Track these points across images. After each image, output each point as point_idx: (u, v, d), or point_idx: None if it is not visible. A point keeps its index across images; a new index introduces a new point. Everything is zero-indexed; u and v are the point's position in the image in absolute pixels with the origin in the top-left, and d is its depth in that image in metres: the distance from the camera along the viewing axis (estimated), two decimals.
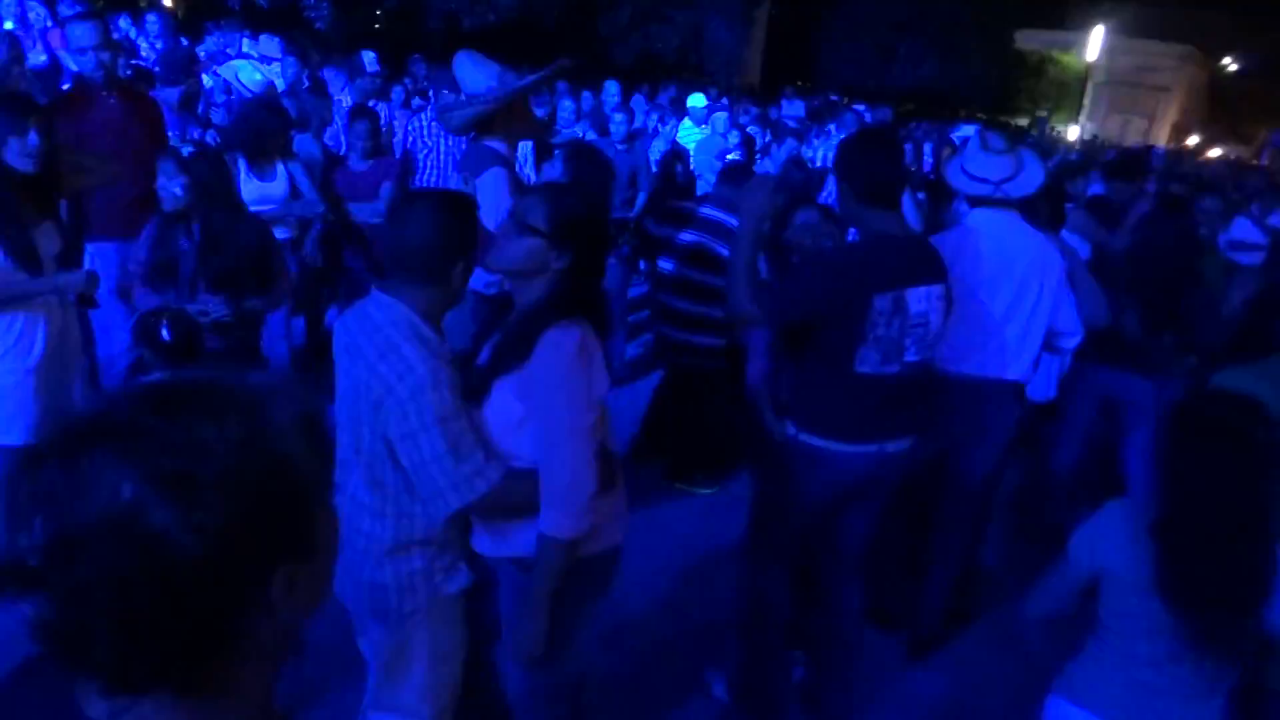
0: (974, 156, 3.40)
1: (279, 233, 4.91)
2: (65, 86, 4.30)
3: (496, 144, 3.46)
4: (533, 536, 2.09)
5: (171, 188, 3.44)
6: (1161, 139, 35.18)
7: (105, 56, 4.15)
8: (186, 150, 3.75)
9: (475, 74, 3.46)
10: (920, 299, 2.70)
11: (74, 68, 4.33)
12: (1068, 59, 33.65)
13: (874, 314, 2.63)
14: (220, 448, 0.75)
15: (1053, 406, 4.69)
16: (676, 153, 7.13)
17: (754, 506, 3.09)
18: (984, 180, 3.35)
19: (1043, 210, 3.69)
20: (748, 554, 3.11)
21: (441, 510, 2.04)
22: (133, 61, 7.04)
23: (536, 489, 2.04)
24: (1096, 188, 6.13)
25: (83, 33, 4.14)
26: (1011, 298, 3.29)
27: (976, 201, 3.41)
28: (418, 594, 2.16)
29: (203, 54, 8.57)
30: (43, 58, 6.91)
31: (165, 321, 3.07)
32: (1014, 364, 3.37)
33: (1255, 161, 21.86)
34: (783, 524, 2.99)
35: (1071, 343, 3.54)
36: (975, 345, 3.30)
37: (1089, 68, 33.21)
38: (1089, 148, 15.54)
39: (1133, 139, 32.58)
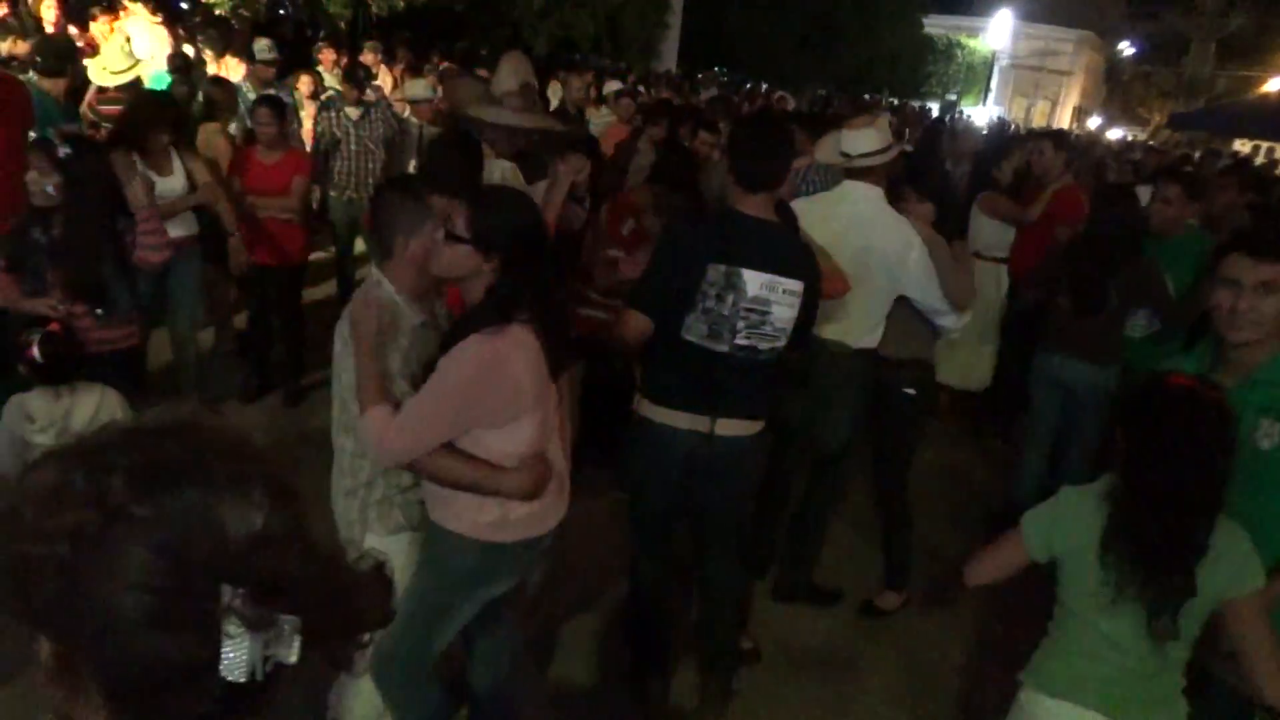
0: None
1: (178, 229, 4.65)
2: None
3: None
4: (446, 513, 2.36)
5: (44, 184, 3.28)
6: (1064, 121, 36.36)
7: None
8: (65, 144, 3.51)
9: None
10: (760, 285, 2.78)
11: None
12: (974, 43, 34.47)
13: (705, 283, 2.76)
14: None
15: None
16: None
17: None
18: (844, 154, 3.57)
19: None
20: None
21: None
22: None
23: (463, 469, 2.24)
24: None
25: None
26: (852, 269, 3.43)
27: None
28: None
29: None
30: None
31: (37, 342, 2.90)
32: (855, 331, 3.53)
33: (1150, 143, 22.70)
34: (635, 499, 3.17)
35: (947, 321, 3.63)
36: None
37: (994, 53, 34.08)
38: (997, 130, 15.91)
39: (1037, 122, 33.56)
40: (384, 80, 9.71)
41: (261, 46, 6.79)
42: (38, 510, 0.73)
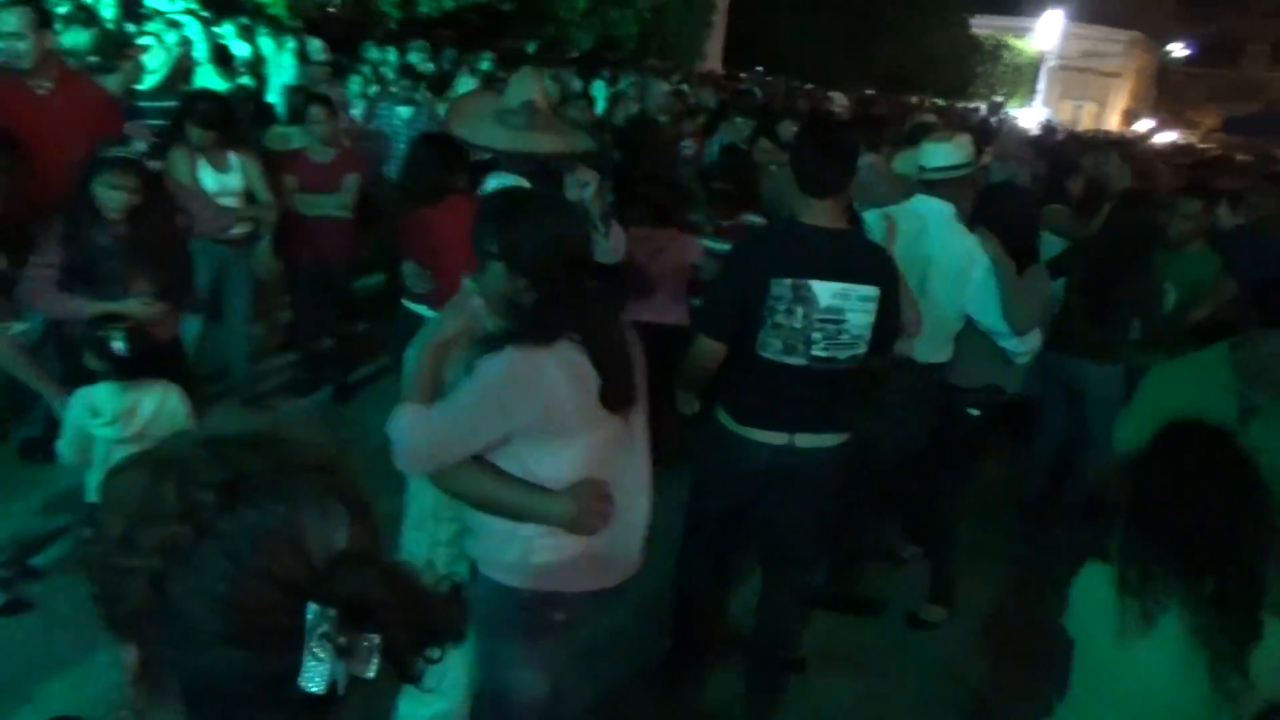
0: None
1: (239, 226, 4.74)
2: None
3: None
4: (487, 547, 2.17)
5: (119, 193, 3.28)
6: (1113, 124, 35.74)
7: (22, 47, 3.81)
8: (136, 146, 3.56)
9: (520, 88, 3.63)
10: (832, 294, 2.71)
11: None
12: (1021, 44, 34.01)
13: (770, 298, 2.70)
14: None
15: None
16: None
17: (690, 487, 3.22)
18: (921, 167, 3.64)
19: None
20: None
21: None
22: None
23: (498, 487, 2.06)
24: None
25: (2, 19, 3.81)
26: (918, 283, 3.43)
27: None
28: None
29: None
30: None
31: (121, 334, 2.92)
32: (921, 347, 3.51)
33: (1201, 147, 22.24)
34: (700, 505, 3.12)
35: (1009, 344, 3.61)
36: None
37: (1042, 53, 33.61)
38: (1047, 133, 15.70)
39: (1085, 124, 33.05)
40: (432, 79, 9.79)
41: (315, 48, 6.86)
42: (130, 522, 0.75)
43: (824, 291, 2.71)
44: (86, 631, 3.06)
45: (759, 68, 20.82)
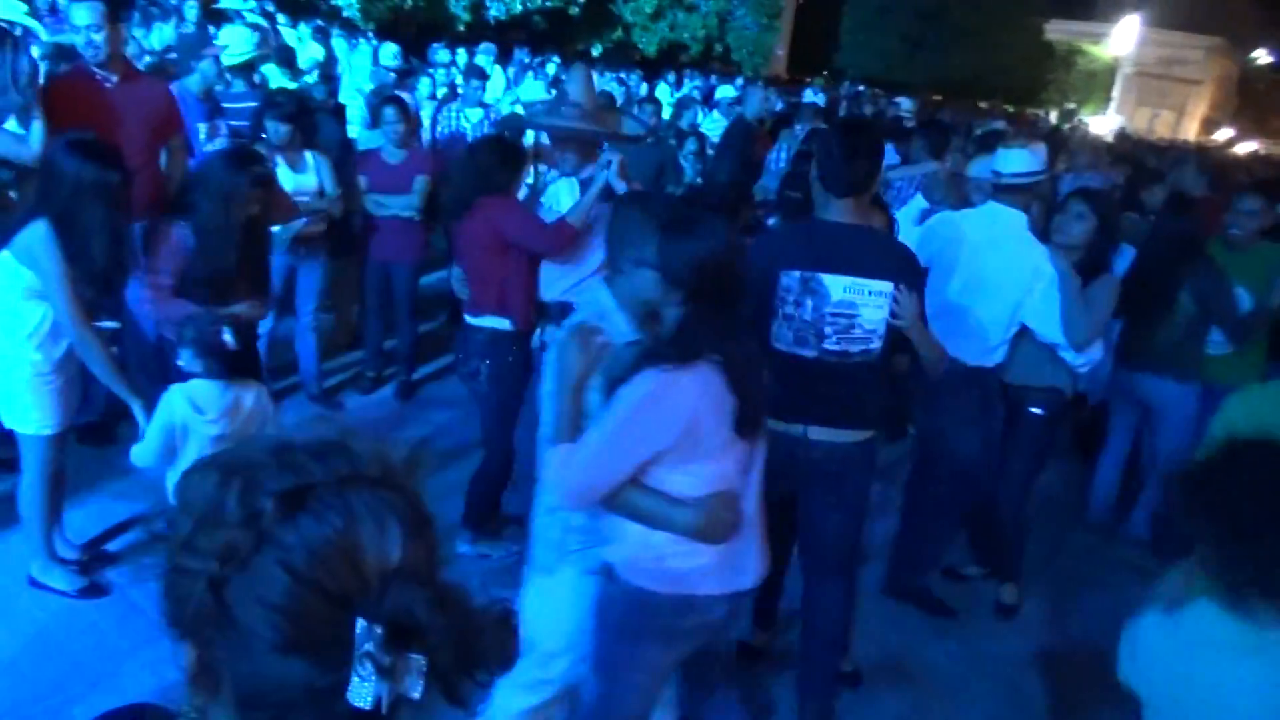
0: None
1: (312, 225, 4.86)
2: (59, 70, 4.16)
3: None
4: (622, 551, 2.22)
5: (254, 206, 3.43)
6: (1191, 133, 34.67)
7: (97, 38, 3.93)
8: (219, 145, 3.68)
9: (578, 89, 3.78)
10: (844, 288, 2.76)
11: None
12: (1097, 50, 33.19)
13: (781, 290, 2.79)
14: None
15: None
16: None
17: None
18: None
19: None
20: None
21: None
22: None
23: (636, 496, 2.12)
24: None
25: (79, 12, 3.94)
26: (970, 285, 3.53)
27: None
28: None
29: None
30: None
31: (231, 329, 2.98)
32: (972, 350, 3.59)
33: None
34: None
35: (1066, 356, 3.61)
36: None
37: (1118, 59, 32.76)
38: (1120, 141, 15.30)
39: (1160, 132, 32.12)
40: (498, 81, 9.92)
41: (388, 53, 6.99)
42: (195, 525, 0.77)
43: (835, 285, 2.78)
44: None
45: (825, 72, 20.65)
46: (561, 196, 3.78)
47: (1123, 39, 32.73)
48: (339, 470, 0.79)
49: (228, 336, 2.95)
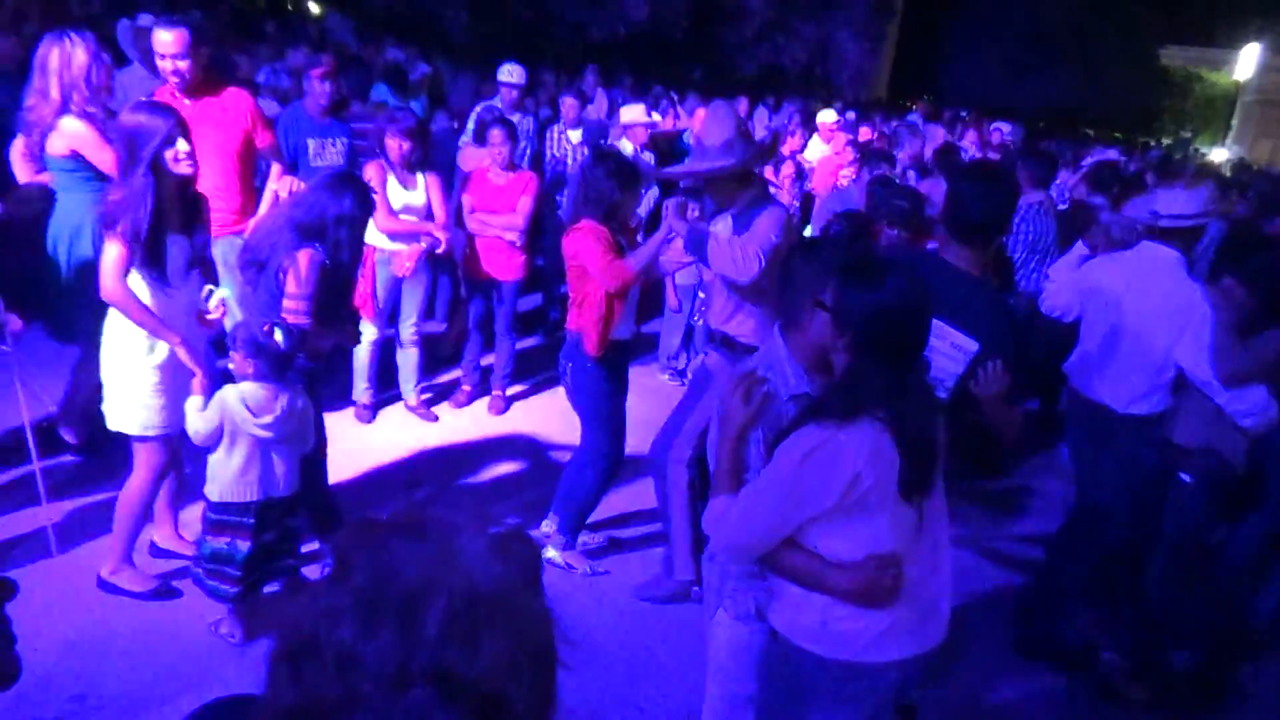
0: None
1: (408, 242, 5.01)
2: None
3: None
4: (785, 610, 2.18)
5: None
6: None
7: (183, 66, 4.15)
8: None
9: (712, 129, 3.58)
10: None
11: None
12: (1216, 77, 31.82)
13: None
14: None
15: None
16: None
17: None
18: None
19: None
20: None
21: None
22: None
23: (792, 555, 2.08)
24: None
25: (166, 39, 4.16)
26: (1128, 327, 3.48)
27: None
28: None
29: None
30: None
31: (281, 331, 3.09)
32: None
33: None
34: None
35: (1218, 399, 3.39)
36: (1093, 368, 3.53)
37: (1239, 87, 31.34)
38: (1238, 172, 14.63)
39: None
40: (600, 104, 10.06)
41: (506, 71, 7.14)
42: (316, 584, 0.81)
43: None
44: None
45: (926, 96, 20.33)
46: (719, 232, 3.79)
47: (1244, 65, 31.33)
48: (429, 571, 0.78)
49: (279, 337, 3.06)
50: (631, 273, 3.67)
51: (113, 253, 3.02)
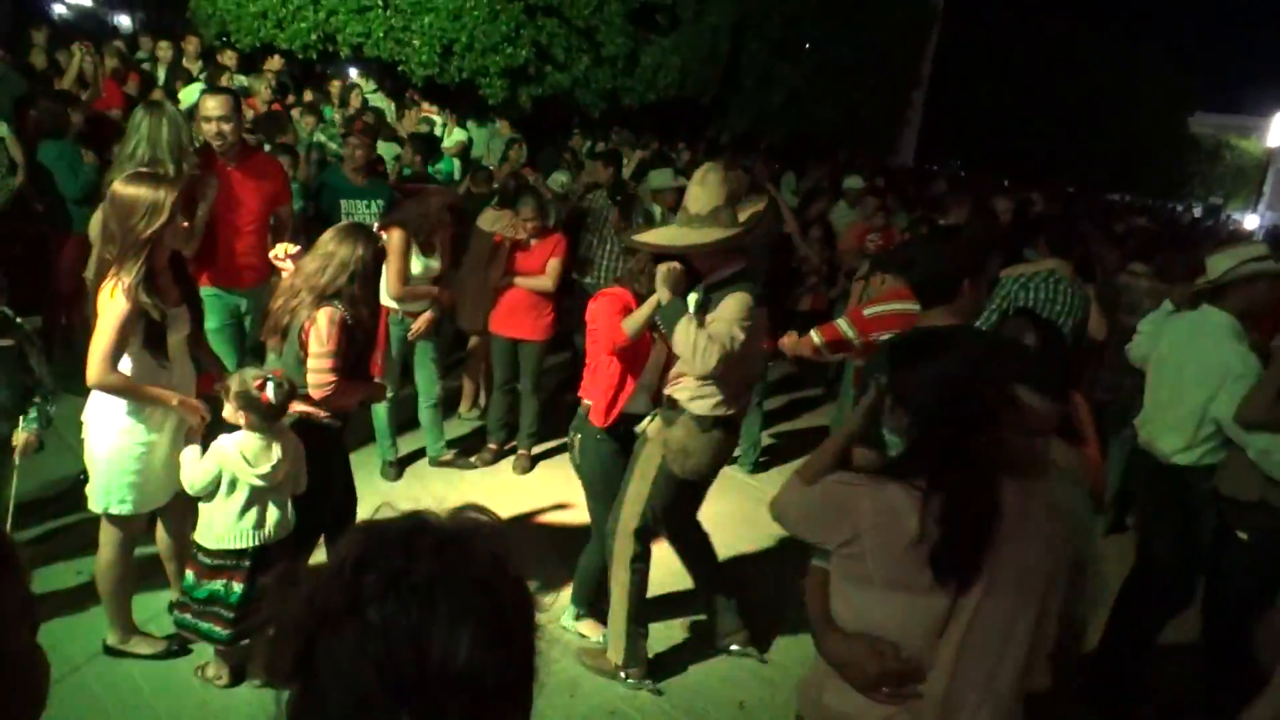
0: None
1: (421, 307, 5.10)
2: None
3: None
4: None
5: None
6: None
7: (226, 128, 4.32)
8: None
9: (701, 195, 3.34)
10: None
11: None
12: (1246, 144, 31.81)
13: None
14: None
15: None
16: None
17: None
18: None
19: None
20: None
21: None
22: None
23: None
24: None
25: (211, 103, 4.34)
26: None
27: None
28: None
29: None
30: None
31: (270, 385, 3.10)
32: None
33: None
34: None
35: (1246, 441, 3.41)
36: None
37: (1270, 153, 31.31)
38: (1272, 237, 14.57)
39: None
40: (628, 168, 10.23)
41: (557, 183, 7.38)
42: (316, 582, 0.87)
43: None
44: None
45: (956, 160, 20.45)
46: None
47: (1275, 133, 31.32)
48: (446, 565, 0.85)
49: (270, 391, 3.09)
50: (623, 336, 3.63)
51: (102, 342, 2.95)
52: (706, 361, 3.16)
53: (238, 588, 3.15)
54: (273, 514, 3.21)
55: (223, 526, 3.15)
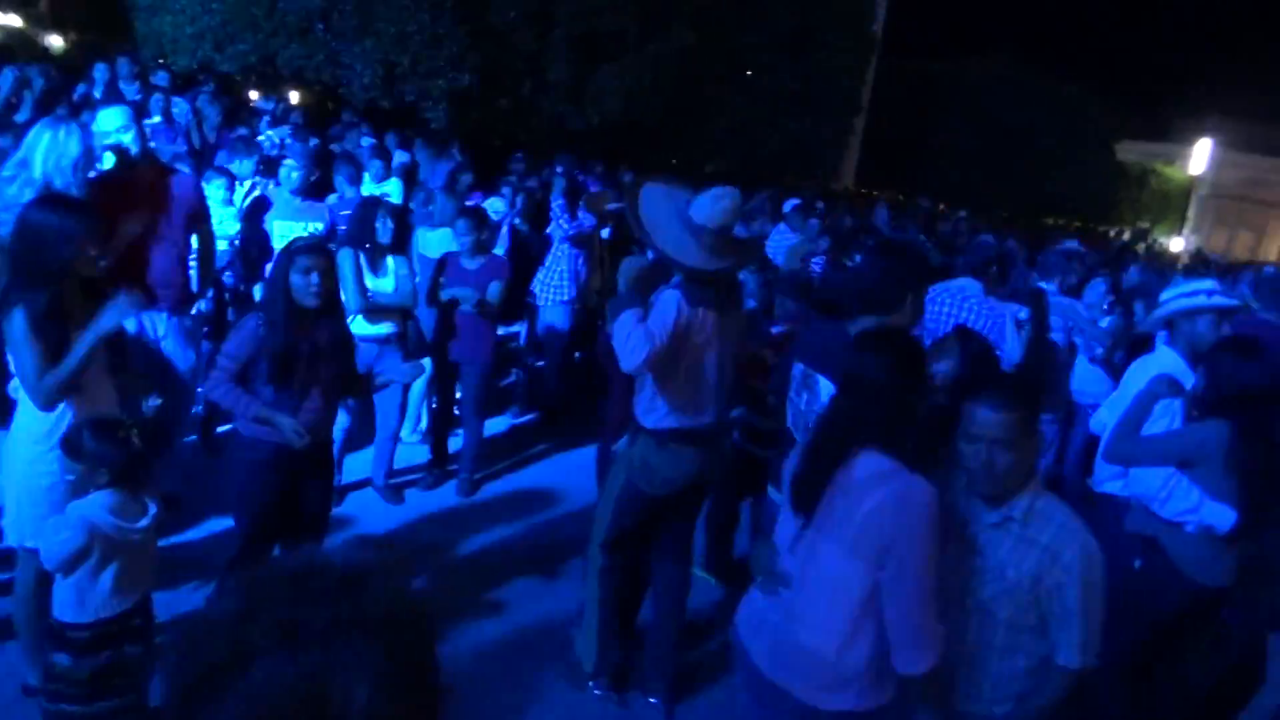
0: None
1: (385, 327, 5.05)
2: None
3: None
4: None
5: (314, 274, 3.35)
6: (1271, 254, 33.97)
7: (127, 138, 4.19)
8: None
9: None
10: (830, 393, 2.82)
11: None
12: (1171, 171, 33.00)
13: (792, 377, 3.20)
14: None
15: None
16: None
17: None
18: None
19: None
20: None
21: None
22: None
23: None
24: None
25: (106, 118, 4.24)
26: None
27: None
28: None
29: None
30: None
31: (136, 434, 2.83)
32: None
33: None
34: None
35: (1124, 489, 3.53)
36: None
37: (1193, 180, 32.51)
38: (1196, 261, 15.10)
39: (1239, 254, 31.55)
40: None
41: (494, 209, 7.44)
42: (196, 633, 0.82)
43: (826, 388, 2.98)
44: None
45: (893, 189, 20.89)
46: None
47: (1197, 160, 32.55)
48: (341, 613, 0.80)
49: (135, 439, 2.79)
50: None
51: (26, 366, 2.85)
52: (633, 356, 3.20)
53: (100, 658, 2.80)
54: (128, 578, 2.84)
55: (98, 600, 2.77)
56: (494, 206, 7.68)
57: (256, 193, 6.24)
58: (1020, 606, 2.24)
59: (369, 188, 7.59)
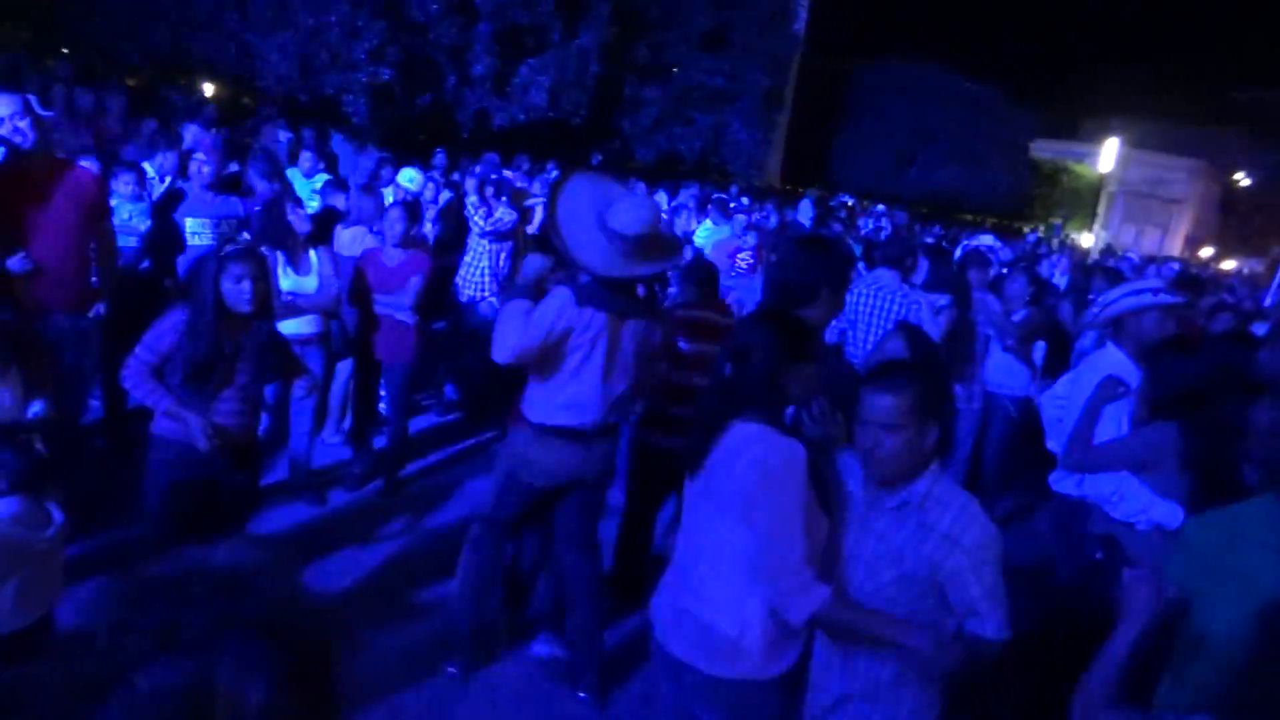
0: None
1: (308, 326, 4.94)
2: None
3: None
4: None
5: (248, 283, 3.31)
6: (1175, 249, 35.45)
7: (23, 124, 4.05)
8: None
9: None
10: None
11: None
12: (1082, 169, 34.18)
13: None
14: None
15: None
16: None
17: None
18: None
19: None
20: None
21: None
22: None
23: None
24: None
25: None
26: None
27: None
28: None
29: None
30: None
31: (39, 430, 2.70)
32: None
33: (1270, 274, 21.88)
34: None
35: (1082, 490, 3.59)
36: None
37: (1103, 178, 33.72)
38: (1106, 255, 15.69)
39: (1146, 249, 32.84)
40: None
41: (406, 177, 7.29)
42: (72, 648, 0.80)
43: None
44: None
45: (817, 186, 21.22)
46: None
47: (1106, 159, 33.77)
48: (226, 612, 0.78)
49: (36, 445, 2.63)
50: None
51: None
52: (501, 348, 3.24)
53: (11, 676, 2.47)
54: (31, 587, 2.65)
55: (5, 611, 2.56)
56: (407, 175, 7.56)
57: (168, 183, 6.05)
58: (920, 591, 2.26)
59: (300, 184, 7.43)
